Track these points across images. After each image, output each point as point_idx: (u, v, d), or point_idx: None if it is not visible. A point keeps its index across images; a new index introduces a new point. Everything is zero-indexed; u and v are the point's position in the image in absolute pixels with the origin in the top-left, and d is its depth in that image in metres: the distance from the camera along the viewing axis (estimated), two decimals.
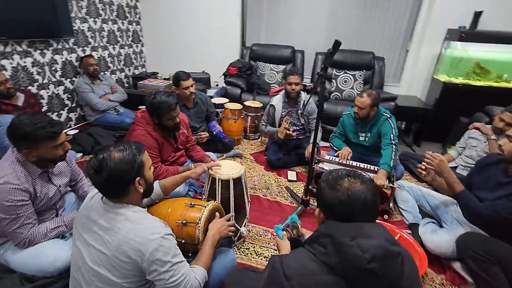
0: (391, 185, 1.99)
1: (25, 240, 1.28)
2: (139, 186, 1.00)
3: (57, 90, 3.05)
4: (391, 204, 2.02)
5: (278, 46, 3.88)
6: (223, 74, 3.77)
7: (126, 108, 3.47)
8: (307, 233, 1.22)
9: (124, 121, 3.13)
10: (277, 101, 2.65)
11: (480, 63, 3.21)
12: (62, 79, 3.08)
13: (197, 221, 1.29)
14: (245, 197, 1.62)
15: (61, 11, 2.83)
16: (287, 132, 2.47)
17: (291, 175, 2.51)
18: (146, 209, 1.15)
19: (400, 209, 2.05)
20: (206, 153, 2.31)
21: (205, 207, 1.35)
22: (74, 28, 3.07)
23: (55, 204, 1.47)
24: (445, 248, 1.58)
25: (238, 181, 1.54)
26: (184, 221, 1.29)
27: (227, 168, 1.57)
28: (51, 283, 1.27)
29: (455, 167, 2.40)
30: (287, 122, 2.49)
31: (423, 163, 1.75)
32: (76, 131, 3.17)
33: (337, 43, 1.41)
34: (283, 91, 2.69)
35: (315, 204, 2.14)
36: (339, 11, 3.80)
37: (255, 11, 4.03)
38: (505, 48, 3.12)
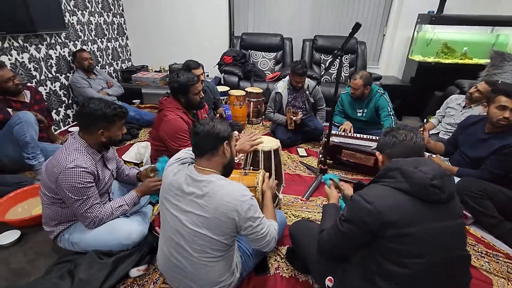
0: None
1: (95, 219, 1.37)
2: (226, 150, 1.15)
3: (54, 87, 2.95)
4: None
5: (267, 34, 4.05)
6: (217, 64, 3.87)
7: (125, 103, 3.43)
8: (347, 188, 1.45)
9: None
10: (282, 88, 2.84)
11: (447, 43, 3.68)
12: (57, 75, 2.98)
13: (256, 185, 1.47)
14: (282, 166, 1.82)
15: (53, 4, 2.73)
16: (295, 122, 2.71)
17: (301, 151, 2.75)
18: None
19: None
20: None
21: (258, 173, 1.53)
22: (64, 21, 2.97)
23: (107, 189, 1.56)
24: None
25: (277, 152, 1.74)
26: None
27: (265, 141, 1.75)
28: (129, 255, 1.37)
29: (438, 133, 2.81)
30: (291, 112, 2.71)
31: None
32: (78, 128, 3.10)
33: (357, 25, 1.64)
34: (287, 78, 2.89)
35: (337, 174, 2.42)
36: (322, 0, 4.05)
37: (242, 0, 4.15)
38: (467, 29, 3.61)
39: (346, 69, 3.85)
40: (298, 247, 1.37)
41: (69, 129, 3.08)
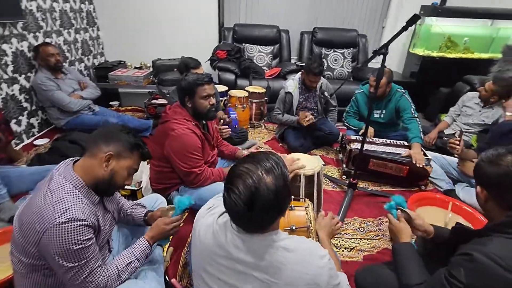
0: (427, 157, 2.09)
1: None
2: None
3: (12, 90, 2.36)
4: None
5: (263, 26, 3.67)
6: (209, 59, 3.42)
7: (101, 106, 2.91)
8: (418, 218, 1.15)
9: (108, 122, 2.61)
10: (293, 87, 2.51)
11: (450, 37, 3.55)
12: (15, 75, 2.39)
13: (308, 224, 1.14)
14: (322, 189, 1.51)
15: None
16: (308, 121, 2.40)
17: None
18: None
19: (431, 178, 2.19)
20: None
21: (306, 207, 1.20)
22: (21, 7, 2.37)
23: (108, 238, 1.15)
24: None
25: (319, 174, 1.42)
26: (293, 227, 1.13)
27: (305, 162, 1.42)
28: None
29: (454, 133, 2.65)
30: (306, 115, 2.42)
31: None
32: (46, 140, 2.55)
33: (415, 17, 1.35)
34: (297, 76, 2.56)
35: (363, 186, 2.15)
36: None
37: None
38: (467, 22, 3.50)
39: (349, 65, 3.60)
40: None
41: (34, 142, 2.51)
